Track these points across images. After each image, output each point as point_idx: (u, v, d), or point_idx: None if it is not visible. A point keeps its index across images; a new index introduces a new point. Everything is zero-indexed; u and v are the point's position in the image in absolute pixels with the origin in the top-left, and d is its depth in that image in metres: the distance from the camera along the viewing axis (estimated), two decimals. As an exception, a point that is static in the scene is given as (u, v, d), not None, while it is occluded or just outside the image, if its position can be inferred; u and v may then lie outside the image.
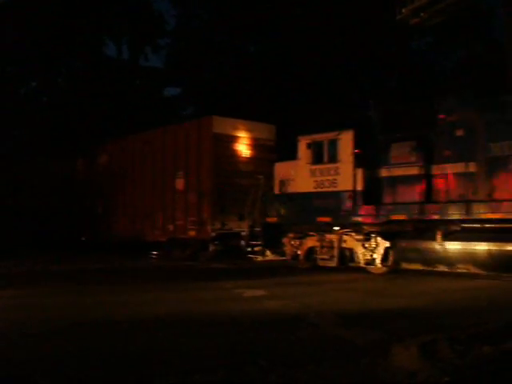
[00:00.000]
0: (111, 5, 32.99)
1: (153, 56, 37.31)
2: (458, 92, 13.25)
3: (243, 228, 17.00)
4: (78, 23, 31.03)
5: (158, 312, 8.35)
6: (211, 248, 18.23)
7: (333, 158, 14.29)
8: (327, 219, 14.45)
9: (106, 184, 22.74)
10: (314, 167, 14.68)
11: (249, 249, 16.63)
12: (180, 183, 19.17)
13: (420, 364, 5.34)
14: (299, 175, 15.04)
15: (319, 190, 14.54)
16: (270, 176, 16.18)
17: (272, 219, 15.84)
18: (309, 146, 14.74)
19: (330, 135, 14.38)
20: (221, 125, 18.35)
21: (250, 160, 18.85)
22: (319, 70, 27.16)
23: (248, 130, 18.84)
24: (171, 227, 19.40)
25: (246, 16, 30.34)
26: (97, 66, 32.80)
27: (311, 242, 15.05)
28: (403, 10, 16.85)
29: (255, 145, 18.99)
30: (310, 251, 15.13)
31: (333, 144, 14.29)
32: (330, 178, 14.33)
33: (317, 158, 14.64)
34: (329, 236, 14.58)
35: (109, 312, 8.47)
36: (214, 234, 17.98)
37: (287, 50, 28.62)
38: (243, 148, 18.78)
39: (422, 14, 16.83)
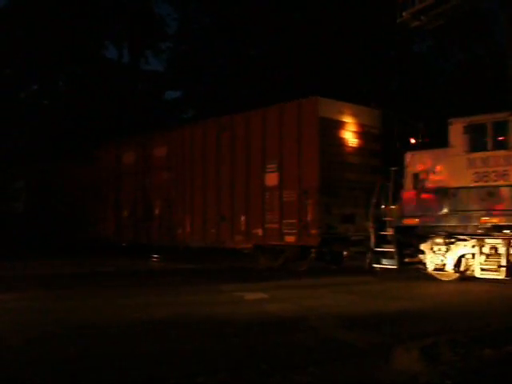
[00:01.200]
0: (112, 8, 33.07)
1: (153, 59, 37.41)
2: None
3: (352, 231, 14.84)
4: (79, 27, 31.10)
5: (157, 315, 8.32)
6: (311, 256, 15.23)
7: (502, 145, 11.66)
8: (495, 220, 11.70)
9: (165, 180, 19.22)
10: (473, 156, 12.01)
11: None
12: (272, 178, 15.93)
13: (421, 367, 5.32)
14: (449, 166, 12.46)
15: (481, 183, 11.87)
16: (374, 169, 14.43)
17: (411, 221, 12.92)
18: (466, 130, 12.13)
19: (498, 116, 11.83)
20: (327, 108, 15.28)
21: (357, 150, 15.79)
22: (320, 74, 27.19)
23: (354, 115, 15.81)
24: (259, 232, 16.13)
25: (246, 19, 30.40)
26: (97, 70, 32.85)
27: (464, 248, 12.38)
28: (403, 14, 16.83)
29: (362, 132, 15.85)
30: (459, 260, 12.54)
31: (502, 127, 11.71)
32: (498, 168, 11.68)
33: (478, 145, 11.99)
34: (491, 241, 11.87)
35: (112, 315, 8.45)
36: (319, 240, 14.90)
37: (287, 53, 28.67)
38: (349, 136, 15.67)
39: (422, 18, 16.81)
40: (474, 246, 12.15)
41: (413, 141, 14.15)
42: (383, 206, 13.51)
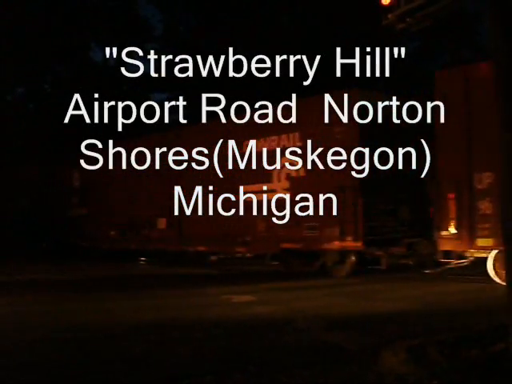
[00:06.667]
0: (98, 11, 32.98)
1: (140, 61, 37.15)
2: None
3: None
4: (65, 29, 30.98)
5: (145, 319, 8.29)
6: None
7: None
8: None
9: None
10: None
11: None
12: None
13: (409, 368, 5.32)
14: None
15: None
16: None
17: None
18: None
19: None
20: None
21: None
22: (304, 77, 27.22)
23: None
24: None
25: (234, 22, 30.42)
26: (83, 72, 32.71)
27: None
28: (389, 16, 16.88)
29: None
30: None
31: None
32: None
33: None
34: None
35: (102, 318, 8.41)
36: None
37: (273, 55, 28.69)
38: None
39: (408, 20, 16.86)
40: None
41: None
42: None
